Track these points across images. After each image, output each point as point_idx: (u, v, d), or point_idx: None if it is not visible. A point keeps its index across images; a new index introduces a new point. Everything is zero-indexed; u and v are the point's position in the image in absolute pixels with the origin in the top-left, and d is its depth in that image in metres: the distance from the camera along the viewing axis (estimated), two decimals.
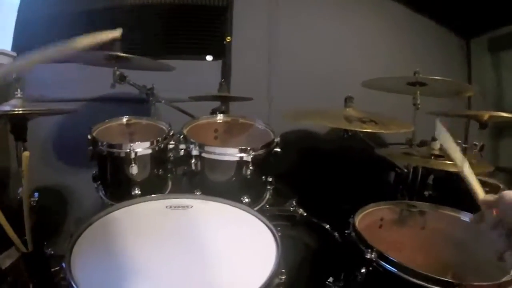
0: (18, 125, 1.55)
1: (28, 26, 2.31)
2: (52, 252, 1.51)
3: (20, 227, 1.32)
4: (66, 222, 2.40)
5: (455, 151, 0.86)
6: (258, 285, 0.87)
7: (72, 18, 2.33)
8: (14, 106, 1.47)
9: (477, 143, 1.70)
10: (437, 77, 1.60)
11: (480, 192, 0.77)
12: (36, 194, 1.51)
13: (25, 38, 2.30)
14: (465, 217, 1.39)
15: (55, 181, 2.34)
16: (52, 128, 2.35)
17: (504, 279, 1.04)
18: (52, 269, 1.26)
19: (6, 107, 1.47)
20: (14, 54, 2.27)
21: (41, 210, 1.49)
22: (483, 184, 1.75)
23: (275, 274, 0.92)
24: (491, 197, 0.74)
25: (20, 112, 1.45)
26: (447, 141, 0.87)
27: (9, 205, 1.44)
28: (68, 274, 0.87)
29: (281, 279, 0.94)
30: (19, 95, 1.54)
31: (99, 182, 1.63)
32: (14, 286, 1.33)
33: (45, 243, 1.49)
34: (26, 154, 1.26)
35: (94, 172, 1.64)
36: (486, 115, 1.74)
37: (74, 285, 0.83)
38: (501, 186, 1.68)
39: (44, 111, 1.71)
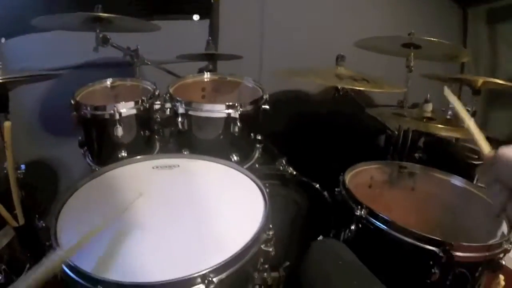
0: None
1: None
2: (44, 225, 1.50)
3: (10, 201, 1.31)
4: (57, 192, 2.35)
5: (462, 110, 0.87)
6: (246, 240, 0.86)
7: None
8: None
9: (469, 109, 1.70)
10: (432, 39, 1.57)
11: (485, 147, 0.76)
12: (23, 166, 1.47)
13: (2, 9, 2.16)
14: (455, 180, 1.40)
15: (42, 152, 2.28)
16: (35, 98, 2.25)
17: (492, 241, 1.06)
18: (47, 243, 1.24)
19: None
20: None
21: (30, 183, 1.47)
22: (472, 152, 1.76)
23: (262, 229, 0.92)
24: (492, 153, 0.72)
25: (0, 81, 1.37)
26: (455, 101, 0.90)
27: None
28: (53, 240, 0.86)
29: (268, 234, 0.93)
30: None
31: (86, 147, 1.60)
32: (11, 263, 1.31)
33: (37, 216, 1.46)
34: (7, 124, 1.23)
35: (79, 137, 1.60)
36: (480, 81, 1.73)
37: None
38: None
39: (24, 78, 1.62)
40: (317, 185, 1.54)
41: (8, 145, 1.24)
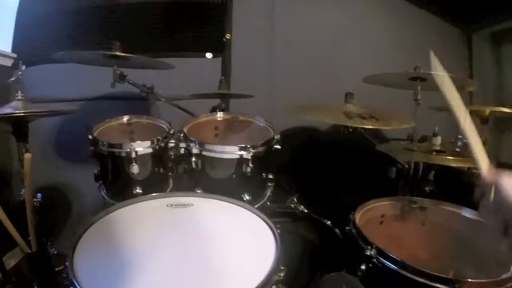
0: (19, 127, 1.55)
1: (28, 27, 2.31)
2: (56, 252, 1.53)
3: (23, 227, 1.33)
4: (68, 221, 2.40)
5: (455, 99, 0.81)
6: (257, 282, 0.87)
7: (70, 17, 2.34)
8: (15, 108, 1.48)
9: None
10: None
11: (483, 163, 0.73)
12: (39, 195, 1.51)
13: (25, 39, 2.30)
14: (466, 212, 1.40)
15: (56, 180, 2.35)
16: (52, 128, 2.35)
17: (504, 276, 1.04)
18: (56, 269, 1.27)
19: (7, 109, 1.47)
20: (14, 55, 2.28)
21: (43, 209, 1.49)
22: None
23: (274, 271, 0.93)
24: (491, 176, 0.70)
25: (22, 114, 1.45)
26: (444, 82, 0.83)
27: (12, 206, 1.45)
28: (70, 273, 0.88)
29: (280, 276, 0.95)
30: (19, 97, 1.54)
31: (101, 181, 1.64)
32: (18, 286, 1.33)
33: (49, 243, 1.51)
34: (27, 156, 1.27)
35: (96, 171, 1.65)
36: (487, 110, 1.74)
37: (76, 284, 0.84)
38: None
39: (45, 113, 1.69)
40: (328, 222, 1.55)
41: (27, 175, 1.28)
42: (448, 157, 1.52)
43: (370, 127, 1.44)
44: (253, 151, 1.43)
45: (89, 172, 1.68)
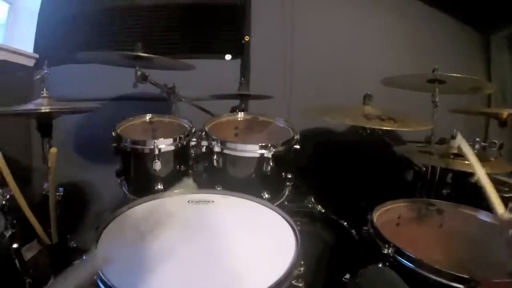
0: (44, 123, 1.61)
1: (49, 28, 2.39)
2: (75, 245, 1.58)
3: (45, 220, 1.39)
4: (88, 216, 2.48)
5: (475, 161, 0.88)
6: (279, 275, 0.89)
7: (91, 18, 2.41)
8: (40, 104, 1.53)
9: (496, 142, 1.69)
10: (456, 75, 1.58)
11: (498, 206, 0.77)
12: (61, 189, 1.55)
13: (46, 39, 2.39)
14: (483, 216, 1.39)
15: (77, 176, 2.42)
16: (75, 125, 2.43)
17: None
18: (74, 262, 1.32)
19: (32, 106, 1.53)
20: (36, 55, 2.36)
21: (64, 204, 1.52)
22: (501, 184, 1.73)
23: (294, 265, 0.95)
24: (508, 218, 0.72)
25: (47, 110, 1.50)
26: (468, 152, 0.92)
27: (33, 200, 1.48)
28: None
29: (300, 270, 0.96)
30: (44, 94, 1.59)
31: (123, 177, 1.67)
32: (36, 278, 1.38)
33: (68, 236, 1.55)
34: (53, 150, 1.31)
35: (117, 167, 1.68)
36: (505, 113, 1.73)
37: (102, 276, 0.87)
38: None
39: (69, 109, 1.75)
40: (345, 223, 1.56)
41: (52, 170, 1.32)
42: (465, 162, 1.50)
43: (389, 128, 1.44)
44: (273, 150, 1.44)
45: (109, 169, 1.71)
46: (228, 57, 2.44)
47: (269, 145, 1.45)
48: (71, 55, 1.84)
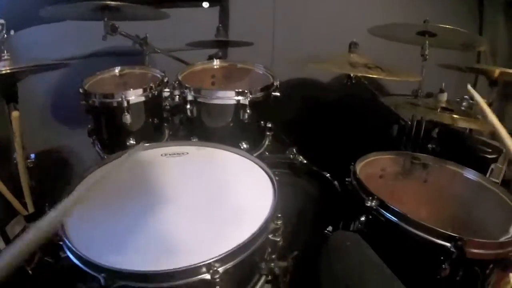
0: (7, 86, 1.48)
1: None
2: None
3: (21, 190, 1.35)
4: (66, 182, 2.39)
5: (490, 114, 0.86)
6: (253, 230, 0.85)
7: None
8: (1, 66, 1.39)
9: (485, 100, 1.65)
10: (448, 26, 1.53)
11: None
12: (33, 156, 1.49)
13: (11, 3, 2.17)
14: (469, 174, 1.36)
15: (52, 141, 2.29)
16: (45, 88, 2.26)
17: (504, 238, 1.03)
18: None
19: None
20: (2, 21, 2.17)
21: (40, 171, 1.48)
22: (485, 145, 1.72)
23: (270, 219, 0.91)
24: None
25: (8, 71, 1.37)
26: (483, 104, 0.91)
27: (10, 171, 1.43)
28: (60, 231, 0.85)
29: (277, 224, 0.93)
30: (6, 57, 1.46)
31: (94, 136, 1.61)
32: None
33: (47, 204, 1.47)
34: (15, 114, 1.26)
35: (89, 126, 1.61)
36: (497, 71, 1.69)
37: (67, 242, 0.82)
38: (504, 150, 1.64)
39: (32, 67, 1.62)
40: (328, 175, 1.52)
41: (17, 135, 1.27)
42: (454, 115, 1.46)
43: (375, 76, 1.38)
44: (251, 96, 1.39)
45: (83, 130, 1.64)
46: (205, 4, 2.29)
47: (246, 91, 1.39)
48: (38, 13, 1.68)
